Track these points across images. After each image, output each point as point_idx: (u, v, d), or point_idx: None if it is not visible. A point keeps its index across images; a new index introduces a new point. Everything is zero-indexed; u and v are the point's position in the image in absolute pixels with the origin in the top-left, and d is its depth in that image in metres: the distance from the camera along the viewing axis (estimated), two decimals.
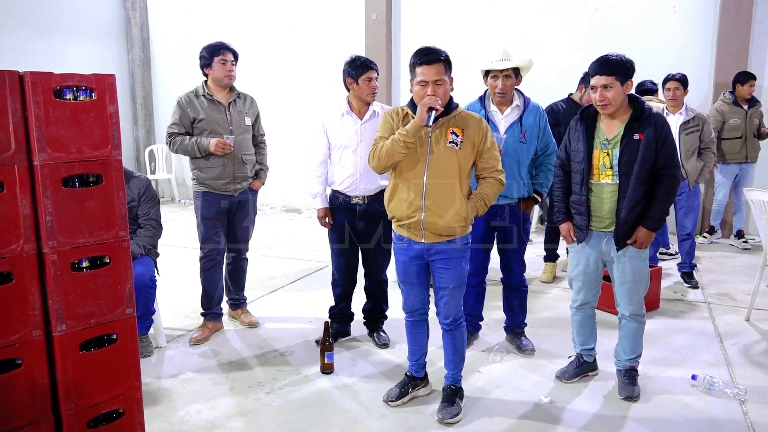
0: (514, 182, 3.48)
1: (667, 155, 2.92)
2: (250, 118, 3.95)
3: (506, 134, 3.45)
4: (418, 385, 3.16)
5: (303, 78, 8.33)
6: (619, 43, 6.33)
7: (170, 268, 4.28)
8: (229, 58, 3.77)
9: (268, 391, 3.23)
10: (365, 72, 3.51)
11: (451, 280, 2.88)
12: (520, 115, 3.47)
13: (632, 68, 2.94)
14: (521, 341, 3.73)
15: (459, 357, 3.03)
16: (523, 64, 3.42)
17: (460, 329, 3.00)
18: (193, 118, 3.75)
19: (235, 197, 3.89)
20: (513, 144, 3.45)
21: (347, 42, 7.66)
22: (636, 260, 3.05)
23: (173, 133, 3.79)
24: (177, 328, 4.04)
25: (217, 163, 3.77)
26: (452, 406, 2.96)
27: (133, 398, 2.34)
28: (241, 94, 3.93)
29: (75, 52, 8.34)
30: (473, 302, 3.73)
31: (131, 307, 2.29)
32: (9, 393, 2.02)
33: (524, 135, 3.46)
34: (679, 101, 4.95)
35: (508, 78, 3.39)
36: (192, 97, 3.79)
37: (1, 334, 1.99)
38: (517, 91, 3.52)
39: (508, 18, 7.36)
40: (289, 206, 8.68)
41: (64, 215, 2.08)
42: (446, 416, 2.91)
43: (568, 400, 3.13)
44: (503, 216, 3.54)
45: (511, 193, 3.49)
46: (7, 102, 1.94)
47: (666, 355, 3.68)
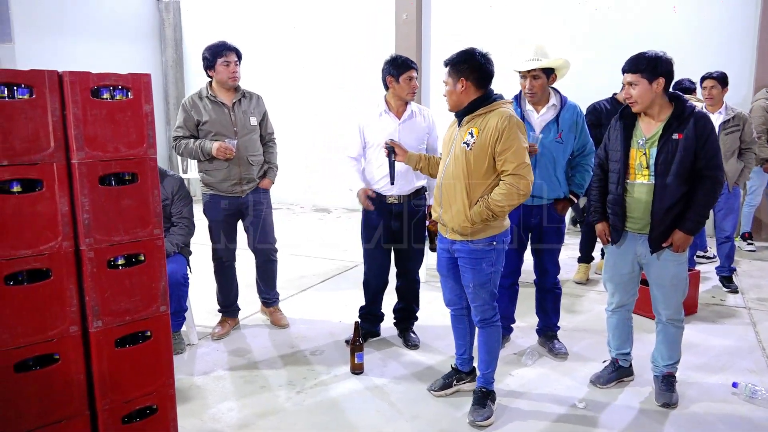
0: (549, 183, 3.43)
1: (709, 156, 2.81)
2: (256, 117, 3.88)
3: (541, 134, 3.40)
4: (463, 378, 3.17)
5: (336, 78, 8.36)
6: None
7: (202, 266, 4.31)
8: (232, 59, 3.69)
9: (298, 391, 3.23)
10: (406, 71, 3.49)
11: (470, 279, 2.88)
12: (557, 115, 3.41)
13: (662, 65, 2.80)
14: (554, 344, 3.66)
15: (490, 357, 2.99)
16: (554, 64, 3.34)
17: (490, 328, 2.96)
18: (198, 120, 3.73)
19: (244, 198, 3.85)
20: (548, 144, 3.39)
21: (378, 41, 7.66)
22: (672, 264, 2.96)
23: (178, 136, 3.79)
24: (209, 326, 4.08)
25: (222, 165, 3.75)
26: (483, 408, 2.92)
27: (167, 395, 2.36)
28: (246, 93, 3.86)
29: (110, 53, 8.50)
30: (506, 304, 3.67)
31: (165, 305, 2.31)
32: (47, 387, 2.06)
33: (560, 135, 3.40)
34: (717, 100, 4.81)
35: (536, 78, 3.34)
36: (196, 100, 3.76)
37: (39, 329, 2.02)
38: (553, 89, 3.46)
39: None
40: (318, 206, 8.72)
41: (100, 213, 2.10)
42: (477, 418, 2.87)
43: (602, 406, 3.06)
44: (538, 216, 3.49)
45: (545, 194, 3.43)
46: (46, 101, 1.97)
47: (705, 361, 3.57)
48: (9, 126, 1.90)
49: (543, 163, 3.39)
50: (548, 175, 3.40)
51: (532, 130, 3.40)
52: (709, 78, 4.84)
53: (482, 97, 2.80)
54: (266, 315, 4.21)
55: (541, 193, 3.43)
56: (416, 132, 3.58)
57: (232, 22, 8.95)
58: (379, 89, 3.64)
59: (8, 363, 1.97)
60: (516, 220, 3.49)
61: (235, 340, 3.93)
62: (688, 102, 2.90)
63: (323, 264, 5.71)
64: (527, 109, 3.46)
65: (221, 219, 3.86)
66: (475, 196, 2.75)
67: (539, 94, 3.39)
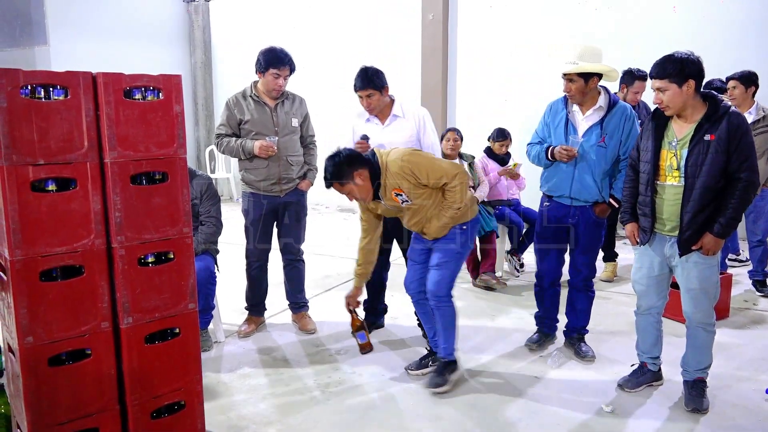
0: (586, 186, 3.37)
1: (742, 157, 2.73)
2: (298, 119, 3.91)
3: (583, 137, 3.34)
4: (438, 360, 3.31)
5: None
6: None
7: (230, 265, 4.37)
8: (284, 73, 3.72)
9: (322, 390, 3.25)
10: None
11: (440, 257, 3.19)
12: (602, 117, 3.34)
13: (690, 66, 2.73)
14: (580, 347, 3.62)
15: (448, 332, 3.24)
16: (587, 69, 3.25)
17: (445, 308, 3.21)
18: (240, 119, 3.78)
19: (282, 198, 3.89)
20: (588, 148, 3.33)
21: (404, 42, 7.66)
22: (702, 267, 2.90)
23: (220, 134, 3.85)
24: (235, 324, 4.12)
25: (262, 164, 3.79)
26: (440, 377, 3.20)
27: (194, 391, 2.40)
28: (289, 94, 3.91)
29: (141, 55, 8.66)
30: (547, 305, 3.69)
31: (193, 302, 2.34)
32: (79, 381, 2.10)
33: (603, 139, 3.31)
34: (741, 100, 4.70)
35: (571, 81, 3.29)
36: (240, 99, 3.82)
37: (72, 324, 2.07)
38: (604, 90, 3.39)
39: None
40: (343, 206, 8.74)
41: (131, 211, 2.14)
42: (431, 384, 3.20)
43: (630, 411, 3.02)
44: (576, 217, 3.45)
45: (582, 196, 3.39)
46: (81, 102, 2.02)
47: (737, 366, 3.49)
48: (45, 126, 1.96)
49: (581, 166, 3.34)
50: (586, 179, 3.35)
51: (575, 132, 3.36)
52: (731, 78, 4.76)
53: (375, 182, 3.06)
54: (296, 321, 4.18)
55: (578, 195, 3.39)
56: (403, 131, 3.67)
57: (261, 24, 9.04)
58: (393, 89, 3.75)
59: (43, 357, 2.03)
60: (554, 221, 3.47)
61: (261, 338, 3.97)
62: (723, 102, 2.82)
63: (348, 264, 5.72)
64: (573, 110, 3.41)
65: (259, 217, 3.91)
66: (441, 209, 3.10)
67: (577, 97, 3.33)
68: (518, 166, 5.16)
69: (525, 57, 7.23)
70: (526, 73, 7.22)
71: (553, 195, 3.52)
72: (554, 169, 3.47)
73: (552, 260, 3.60)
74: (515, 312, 4.40)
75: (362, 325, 3.57)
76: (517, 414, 2.99)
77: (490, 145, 5.39)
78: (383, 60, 7.90)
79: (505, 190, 5.34)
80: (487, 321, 4.25)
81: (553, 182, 3.49)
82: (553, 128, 3.47)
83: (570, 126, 3.37)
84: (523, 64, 7.25)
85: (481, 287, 4.91)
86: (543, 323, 3.77)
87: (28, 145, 1.93)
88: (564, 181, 3.43)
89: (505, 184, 5.31)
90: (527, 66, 7.19)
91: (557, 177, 3.46)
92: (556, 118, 3.47)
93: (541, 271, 3.67)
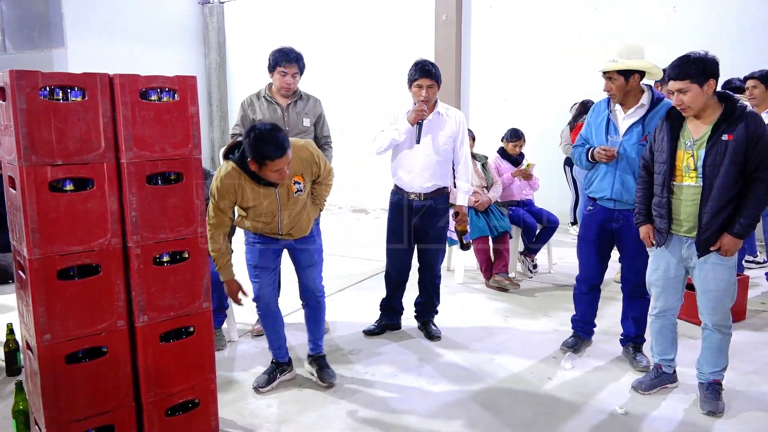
0: (628, 188, 3.27)
1: (761, 157, 2.71)
2: (311, 119, 3.90)
3: (624, 137, 3.26)
4: (285, 370, 3.33)
5: (374, 80, 8.40)
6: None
7: (243, 264, 4.39)
8: (291, 71, 3.70)
9: (336, 389, 3.26)
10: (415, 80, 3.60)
11: (313, 258, 3.31)
12: (644, 116, 3.25)
13: (710, 66, 2.71)
14: (635, 356, 3.48)
15: (318, 326, 3.39)
16: (627, 66, 3.19)
17: (322, 303, 3.37)
18: (252, 119, 3.79)
19: None
20: (629, 148, 3.25)
21: (417, 43, 7.66)
22: (720, 268, 2.87)
23: (235, 134, 3.86)
24: (249, 323, 4.14)
25: None
26: (331, 369, 3.34)
27: (208, 389, 2.42)
28: (304, 95, 3.89)
29: (156, 56, 8.75)
30: (584, 308, 3.64)
31: (208, 301, 2.37)
32: (95, 379, 2.13)
33: (645, 138, 3.21)
34: (761, 100, 4.64)
35: (611, 80, 3.23)
36: (254, 99, 3.85)
37: (89, 322, 2.10)
38: (648, 88, 3.31)
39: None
40: (356, 207, 8.76)
41: (147, 211, 2.17)
42: (326, 379, 3.27)
43: (645, 413, 2.99)
44: (619, 221, 3.37)
45: (625, 198, 3.30)
46: (98, 103, 2.05)
47: (753, 369, 3.45)
48: (63, 127, 1.99)
49: (622, 166, 3.26)
50: (627, 180, 3.27)
51: (616, 132, 3.30)
52: (750, 78, 4.69)
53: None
54: None
55: (621, 197, 3.31)
56: (442, 130, 3.71)
57: (275, 25, 9.08)
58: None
59: (60, 354, 2.06)
60: (597, 225, 3.42)
61: None
62: (739, 102, 2.80)
63: (361, 264, 5.74)
64: (615, 109, 3.35)
65: None
66: (312, 205, 3.19)
67: (618, 96, 3.26)
68: (531, 166, 5.14)
69: (538, 57, 7.21)
70: (540, 73, 7.20)
71: (596, 197, 3.44)
72: (596, 171, 3.41)
73: (593, 265, 3.51)
74: (528, 313, 4.39)
75: (465, 230, 3.87)
76: (530, 415, 2.98)
77: (503, 146, 5.38)
78: (396, 61, 7.95)
79: (519, 190, 5.33)
80: (501, 322, 4.23)
81: (594, 184, 3.42)
82: (595, 128, 3.41)
83: (611, 126, 3.30)
84: (536, 65, 7.23)
85: (495, 288, 4.89)
86: (578, 327, 3.70)
87: (47, 146, 1.96)
88: (605, 182, 3.36)
89: (518, 184, 5.30)
90: (541, 66, 7.17)
91: (598, 178, 3.39)
92: (598, 119, 3.40)
93: (581, 275, 3.61)
